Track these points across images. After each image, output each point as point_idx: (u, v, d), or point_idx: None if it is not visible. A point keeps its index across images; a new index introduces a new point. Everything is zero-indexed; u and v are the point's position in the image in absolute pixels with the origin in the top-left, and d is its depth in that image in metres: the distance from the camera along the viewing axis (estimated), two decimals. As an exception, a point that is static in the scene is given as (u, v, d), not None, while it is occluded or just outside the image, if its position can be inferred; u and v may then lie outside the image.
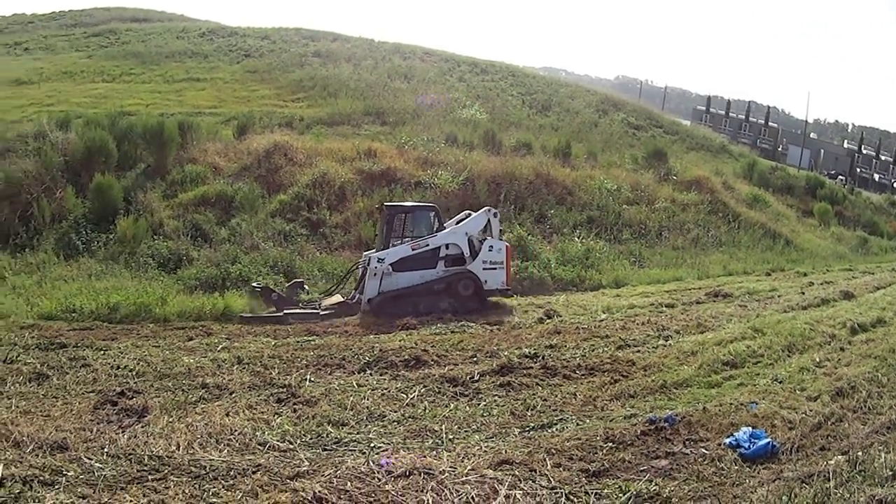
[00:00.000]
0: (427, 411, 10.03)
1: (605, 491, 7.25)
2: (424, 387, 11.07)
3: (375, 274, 18.21)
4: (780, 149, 64.38)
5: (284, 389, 11.25)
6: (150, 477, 8.10)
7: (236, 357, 13.42)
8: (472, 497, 7.04)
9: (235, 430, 9.42)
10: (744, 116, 68.92)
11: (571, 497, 7.12)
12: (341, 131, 34.46)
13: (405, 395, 10.70)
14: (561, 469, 7.74)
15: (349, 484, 7.51)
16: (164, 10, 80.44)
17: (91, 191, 25.79)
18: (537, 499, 7.13)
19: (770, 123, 69.55)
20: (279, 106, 39.75)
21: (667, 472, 7.71)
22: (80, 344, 15.06)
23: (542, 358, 12.34)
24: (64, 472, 8.16)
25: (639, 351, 13.16)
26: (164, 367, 12.88)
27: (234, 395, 11.14)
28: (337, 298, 18.99)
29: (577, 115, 44.11)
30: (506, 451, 8.32)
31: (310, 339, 15.05)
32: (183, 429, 9.51)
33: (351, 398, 10.61)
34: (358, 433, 9.29)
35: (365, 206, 25.97)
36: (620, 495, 7.10)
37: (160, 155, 28.81)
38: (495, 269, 18.84)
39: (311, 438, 9.21)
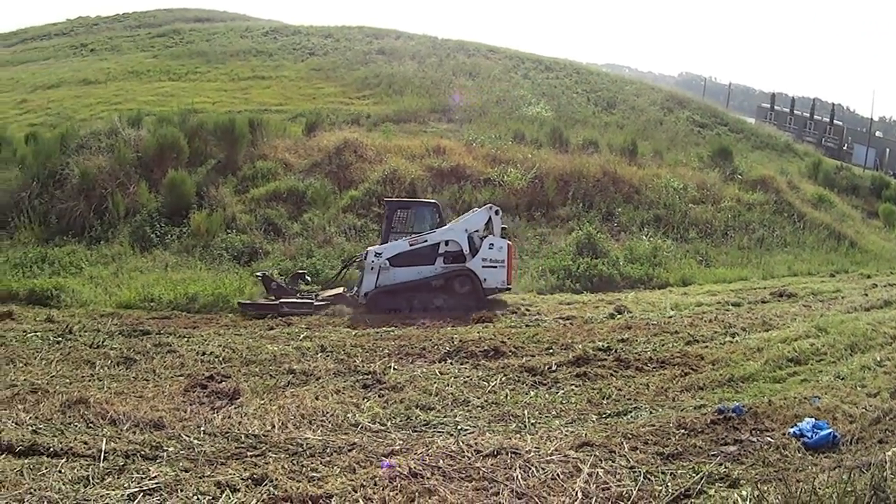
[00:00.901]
0: (508, 398, 10.43)
1: (679, 472, 7.63)
2: (505, 376, 11.48)
3: (372, 268, 18.43)
4: (844, 147, 62.95)
5: (369, 376, 11.70)
6: (248, 453, 8.54)
7: (319, 345, 13.97)
8: (558, 474, 7.42)
9: (327, 413, 9.87)
10: (808, 114, 67.40)
11: (649, 476, 7.48)
12: (408, 128, 34.78)
13: (486, 383, 11.12)
14: (637, 452, 8.14)
15: (441, 461, 7.89)
16: (226, 9, 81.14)
17: (164, 186, 26.60)
18: (617, 477, 7.47)
19: (835, 122, 67.90)
20: (345, 103, 40.01)
21: (735, 457, 8.09)
22: (163, 331, 15.69)
23: (615, 351, 12.70)
24: (164, 448, 8.64)
25: (707, 346, 13.46)
26: (250, 354, 13.44)
27: (320, 381, 11.59)
28: (336, 291, 19.29)
29: (643, 113, 43.82)
30: (585, 435, 8.67)
31: (389, 329, 15.47)
32: (275, 410, 10.00)
33: (435, 385, 11.04)
34: (444, 417, 9.70)
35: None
36: (693, 475, 7.48)
37: (231, 151, 29.48)
38: (495, 267, 18.74)
39: (400, 420, 9.62)
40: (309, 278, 20.03)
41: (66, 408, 10.19)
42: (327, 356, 13.28)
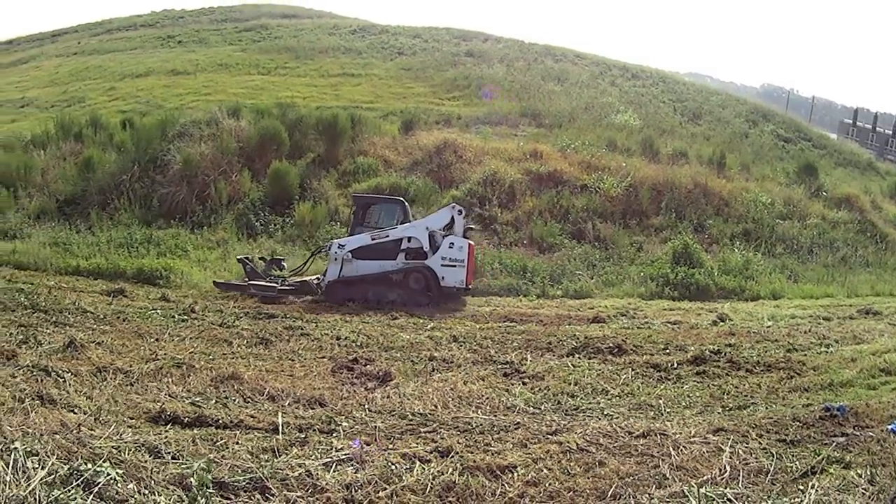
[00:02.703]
0: (641, 390, 11.40)
1: (803, 454, 8.62)
2: (633, 370, 12.42)
3: (336, 259, 19.41)
4: (927, 168, 61.56)
5: (507, 365, 12.60)
6: (421, 430, 9.26)
7: (451, 336, 14.98)
8: (703, 452, 8.40)
9: (482, 396, 10.70)
10: (891, 132, 65.27)
11: (780, 456, 8.44)
12: (499, 131, 35.27)
13: (618, 376, 12.04)
14: (763, 438, 9.12)
15: (601, 439, 8.80)
16: (311, 7, 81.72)
17: (268, 176, 27.76)
18: (754, 455, 8.42)
19: (919, 141, 66.20)
20: (435, 104, 40.77)
21: (844, 446, 9.01)
22: (288, 316, 16.74)
23: (724, 354, 13.39)
24: (338, 423, 9.35)
25: (806, 354, 14.25)
26: (385, 341, 14.44)
27: (462, 368, 12.41)
28: (306, 277, 20.29)
29: (728, 125, 43.64)
30: (716, 422, 9.63)
31: (511, 324, 16.48)
32: (431, 392, 10.79)
33: (572, 376, 11.92)
34: (589, 403, 10.63)
35: (534, 206, 26.87)
36: (815, 456, 8.47)
37: (331, 146, 30.57)
38: (455, 266, 19.23)
39: (552, 405, 10.49)
40: (285, 265, 20.77)
41: (219, 382, 11.00)
42: (461, 346, 14.21)
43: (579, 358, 13.31)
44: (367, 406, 10.24)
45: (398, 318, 17.15)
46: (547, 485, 7.72)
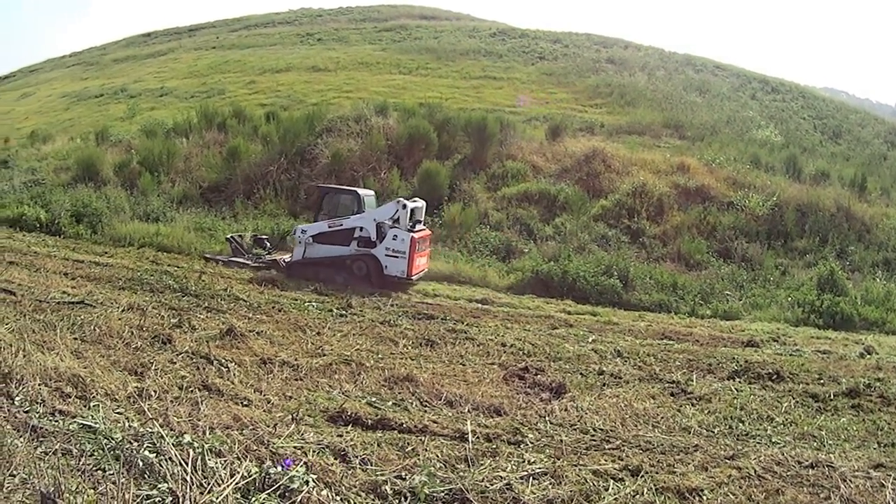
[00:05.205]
0: (802, 419, 11.49)
1: None
2: (793, 398, 12.57)
3: (300, 242, 22.22)
4: None
5: (673, 385, 12.97)
6: (606, 446, 9.34)
7: (615, 350, 15.48)
8: (867, 487, 8.46)
9: (656, 415, 10.95)
10: None
11: None
12: (642, 142, 35.71)
13: (779, 404, 12.19)
14: None
15: (775, 467, 8.87)
16: (450, 8, 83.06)
17: (418, 175, 28.72)
18: None
19: None
20: (578, 110, 41.64)
21: None
22: (448, 318, 17.51)
23: (874, 388, 13.41)
24: (523, 434, 9.49)
25: None
26: (551, 351, 14.99)
27: (630, 385, 12.78)
28: (276, 257, 23.32)
29: (867, 146, 42.73)
30: (875, 458, 9.63)
31: (669, 342, 17.02)
32: (607, 408, 11.01)
33: (738, 400, 12.15)
34: (757, 429, 10.75)
35: (682, 220, 27.32)
36: None
37: (479, 148, 31.59)
38: (397, 257, 21.47)
39: (724, 428, 10.65)
40: (269, 244, 23.46)
41: (392, 383, 11.38)
42: (625, 361, 14.74)
43: (741, 382, 13.57)
44: (547, 418, 10.39)
45: (557, 328, 17.81)
46: (734, 510, 7.83)
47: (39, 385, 8.82)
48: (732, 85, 50.52)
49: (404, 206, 21.86)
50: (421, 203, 23.34)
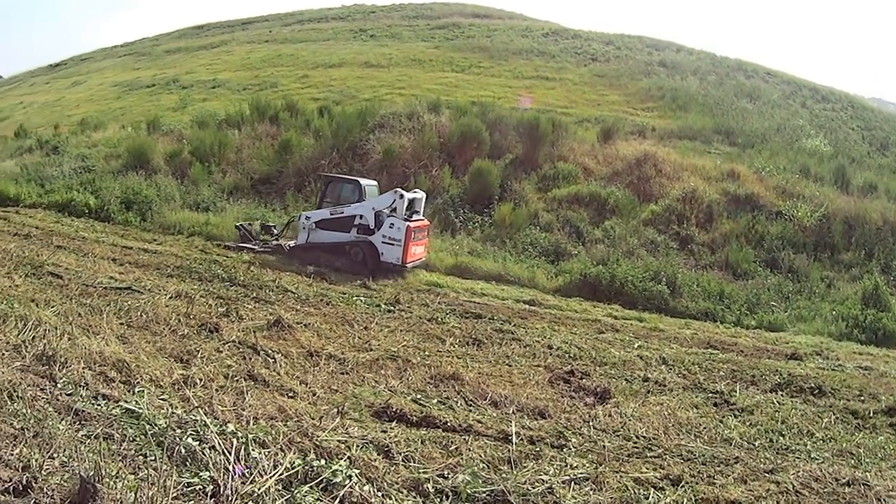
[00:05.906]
0: (841, 436, 11.37)
1: None
2: (833, 414, 12.47)
3: (304, 228, 23.58)
4: None
5: (717, 395, 13.00)
6: (647, 454, 9.36)
7: (661, 357, 15.61)
8: None
9: (698, 424, 10.91)
10: None
11: None
12: (693, 147, 35.65)
13: (820, 419, 12.09)
14: None
15: (812, 483, 8.88)
16: (503, 7, 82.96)
17: (469, 173, 29.00)
18: None
19: None
20: (629, 113, 41.69)
21: None
22: (495, 318, 17.73)
23: None
24: (567, 439, 9.54)
25: None
26: (597, 355, 15.03)
27: (673, 393, 12.84)
28: (281, 242, 24.28)
29: None
30: None
31: (714, 352, 17.07)
32: (651, 415, 11.01)
33: (779, 413, 12.11)
34: (797, 444, 10.69)
35: (731, 228, 27.28)
36: None
37: (530, 148, 31.74)
38: (392, 244, 22.48)
39: (764, 441, 10.57)
40: (276, 230, 24.39)
41: (438, 381, 11.46)
42: (670, 369, 14.80)
43: (783, 395, 13.57)
44: (591, 423, 10.41)
45: (603, 332, 18.08)
46: (770, 525, 7.86)
47: (83, 369, 9.07)
48: (783, 92, 50.26)
49: (401, 196, 22.92)
50: (420, 194, 24.34)
